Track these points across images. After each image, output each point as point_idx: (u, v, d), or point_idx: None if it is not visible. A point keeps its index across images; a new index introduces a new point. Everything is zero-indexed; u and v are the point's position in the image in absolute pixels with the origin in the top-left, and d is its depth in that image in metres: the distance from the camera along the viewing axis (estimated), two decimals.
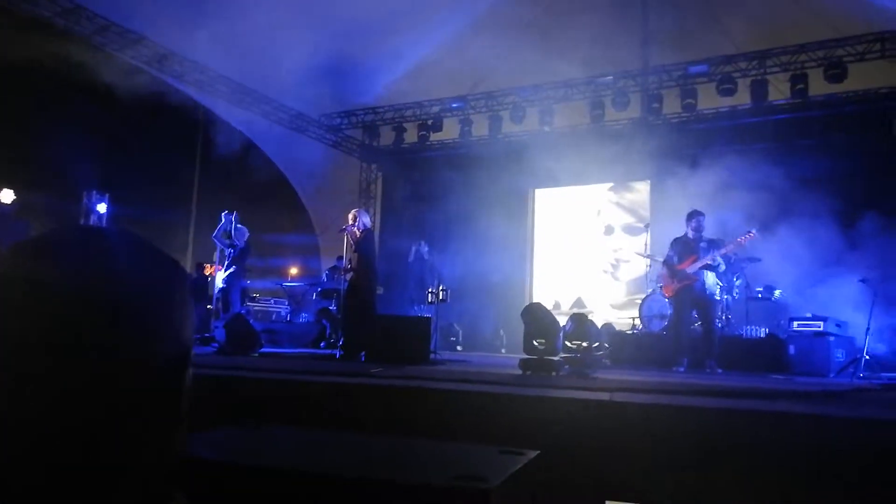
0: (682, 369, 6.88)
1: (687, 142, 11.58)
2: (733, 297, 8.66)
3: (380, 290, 12.04)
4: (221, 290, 9.30)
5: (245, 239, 9.28)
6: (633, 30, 11.67)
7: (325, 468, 1.42)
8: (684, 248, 7.35)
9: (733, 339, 8.05)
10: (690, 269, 7.23)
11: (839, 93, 10.55)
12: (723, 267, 7.44)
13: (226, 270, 9.29)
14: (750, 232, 7.50)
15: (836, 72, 10.08)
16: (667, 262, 7.48)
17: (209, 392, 3.70)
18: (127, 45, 9.80)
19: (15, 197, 7.54)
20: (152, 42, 10.11)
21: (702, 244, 7.28)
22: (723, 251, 7.49)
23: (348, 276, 7.50)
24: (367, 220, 7.67)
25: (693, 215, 7.44)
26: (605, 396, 3.21)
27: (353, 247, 7.45)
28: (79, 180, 9.33)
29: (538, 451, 1.63)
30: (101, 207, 9.19)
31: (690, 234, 7.39)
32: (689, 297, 7.18)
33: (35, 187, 8.91)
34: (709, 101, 11.26)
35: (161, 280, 0.71)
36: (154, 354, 0.68)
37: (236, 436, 1.74)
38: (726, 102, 11.22)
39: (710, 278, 7.25)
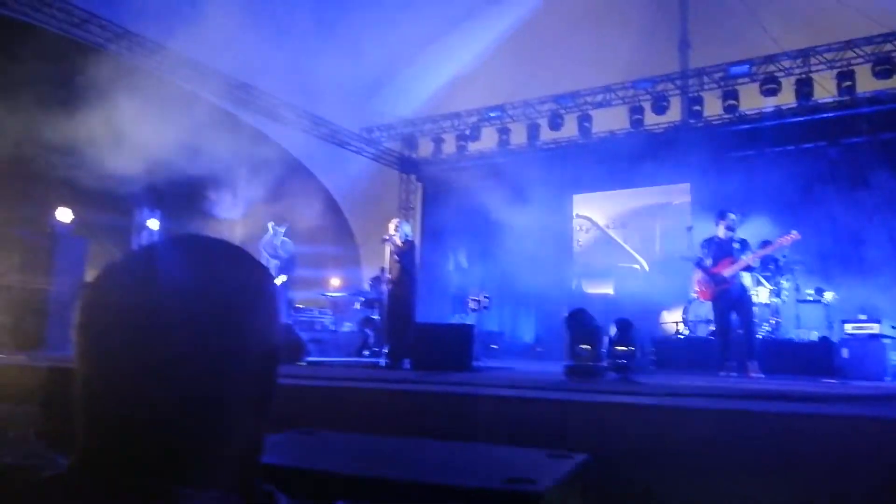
0: (731, 374, 6.75)
1: (729, 144, 11.40)
2: (783, 301, 8.45)
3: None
4: None
5: (290, 250, 9.44)
6: (672, 32, 11.57)
7: (381, 472, 1.47)
8: (718, 249, 7.19)
9: (783, 343, 7.86)
10: (728, 272, 7.10)
11: (889, 89, 10.24)
12: (756, 264, 7.27)
13: None
14: (791, 232, 7.31)
15: (885, 68, 9.79)
16: (700, 265, 7.32)
17: None
18: (185, 67, 10.05)
19: (74, 216, 7.83)
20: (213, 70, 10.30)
21: (734, 245, 7.12)
22: (764, 252, 7.33)
23: (390, 286, 7.58)
24: (407, 230, 7.75)
25: (724, 214, 7.23)
26: (652, 401, 3.19)
27: (395, 257, 7.53)
28: (129, 197, 9.65)
29: (586, 455, 1.65)
30: (153, 224, 9.46)
31: (723, 235, 7.23)
32: (727, 300, 7.05)
33: (87, 205, 9.26)
34: (751, 101, 11.06)
35: (255, 283, 0.77)
36: (252, 353, 0.74)
37: (293, 441, 1.80)
38: (770, 102, 11.00)
39: (747, 279, 7.11)
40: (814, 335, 8.03)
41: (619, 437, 2.93)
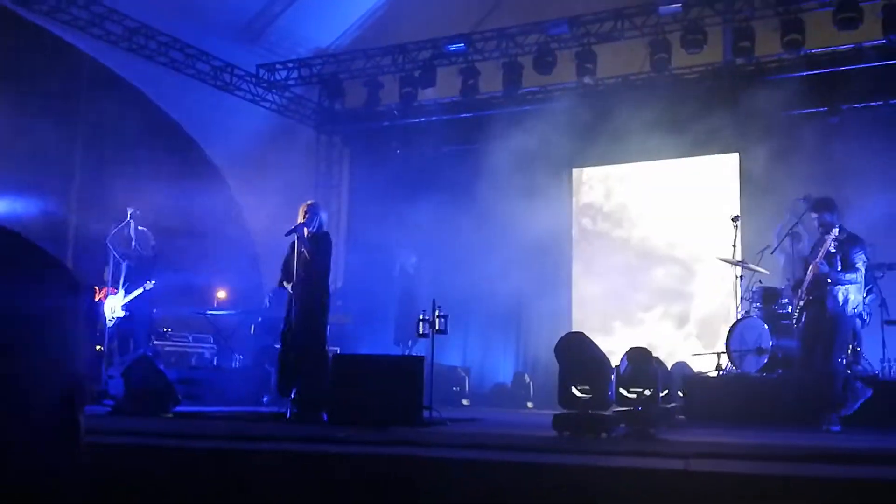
0: (834, 428, 6.95)
1: (791, 97, 11.63)
2: (863, 321, 8.69)
3: (347, 320, 12.12)
4: (119, 321, 9.29)
5: (152, 246, 9.28)
6: None
7: None
8: (812, 251, 7.50)
9: (864, 379, 8.07)
10: (807, 280, 7.34)
11: None
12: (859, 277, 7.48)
13: (125, 293, 9.26)
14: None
15: None
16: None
17: (103, 470, 3.72)
18: None
19: None
20: None
21: (829, 244, 7.34)
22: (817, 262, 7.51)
23: (297, 299, 7.56)
24: (323, 216, 7.81)
25: (823, 204, 7.51)
26: (678, 465, 3.24)
27: (305, 256, 7.53)
28: None
29: None
30: None
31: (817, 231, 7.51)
32: (811, 320, 7.29)
33: None
34: (821, 37, 11.31)
35: (50, 300, 0.75)
36: (40, 383, 0.73)
37: None
38: (847, 39, 11.27)
39: (840, 295, 7.33)
40: None
41: None
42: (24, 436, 0.76)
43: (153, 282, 9.41)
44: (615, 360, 6.22)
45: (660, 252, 13.02)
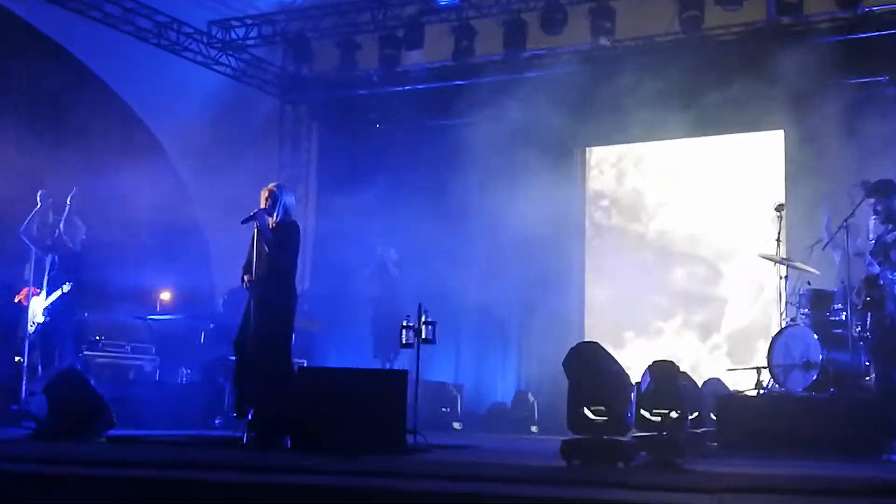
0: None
1: (847, 63, 11.66)
2: None
3: (315, 327, 12.12)
4: (41, 327, 9.25)
5: (81, 239, 9.26)
6: None
7: None
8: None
9: None
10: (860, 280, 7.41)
11: None
12: None
13: (47, 294, 9.22)
14: None
15: None
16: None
17: None
18: None
19: None
20: None
21: (889, 234, 7.40)
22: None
23: (256, 299, 7.54)
24: (289, 201, 7.77)
25: (884, 189, 7.58)
26: (705, 501, 3.26)
27: (265, 248, 7.51)
28: None
29: None
30: None
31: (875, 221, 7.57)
32: (870, 328, 7.40)
33: None
34: None
35: None
36: None
37: None
38: None
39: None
40: None
41: None
42: None
43: (70, 283, 9.34)
44: (635, 377, 6.24)
45: (680, 248, 13.03)
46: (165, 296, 14.49)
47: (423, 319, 8.30)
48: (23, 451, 5.79)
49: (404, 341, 8.45)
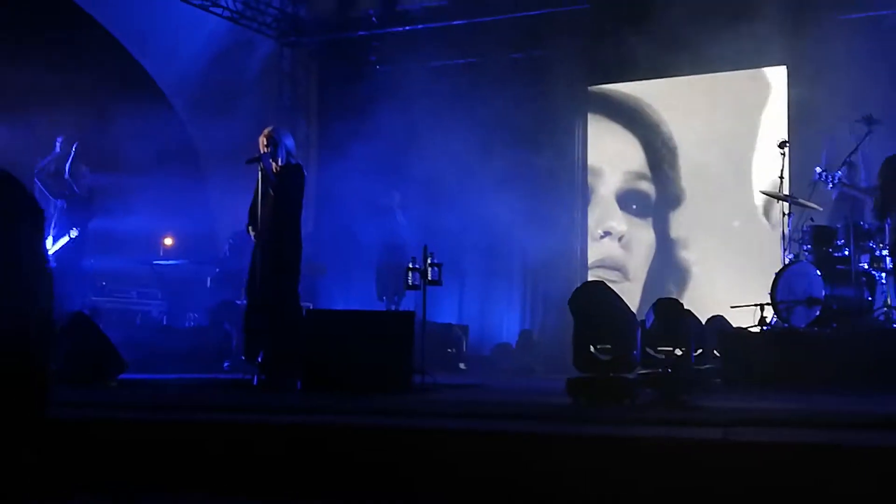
0: None
1: None
2: None
3: (321, 270, 12.13)
4: None
5: (87, 183, 9.26)
6: None
7: None
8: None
9: None
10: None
11: None
12: None
13: (55, 239, 9.25)
14: None
15: None
16: None
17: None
18: None
19: None
20: None
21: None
22: None
23: (261, 243, 7.57)
24: (290, 143, 7.71)
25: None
26: (715, 434, 3.31)
27: (270, 191, 7.51)
28: None
29: None
30: None
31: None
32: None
33: None
34: None
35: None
36: None
37: None
38: None
39: None
40: None
41: (661, 493, 3.05)
42: None
43: (77, 229, 9.36)
44: (640, 314, 6.26)
45: (684, 184, 13.01)
46: (168, 241, 14.54)
47: (428, 261, 8.31)
48: None
49: (410, 283, 8.47)
